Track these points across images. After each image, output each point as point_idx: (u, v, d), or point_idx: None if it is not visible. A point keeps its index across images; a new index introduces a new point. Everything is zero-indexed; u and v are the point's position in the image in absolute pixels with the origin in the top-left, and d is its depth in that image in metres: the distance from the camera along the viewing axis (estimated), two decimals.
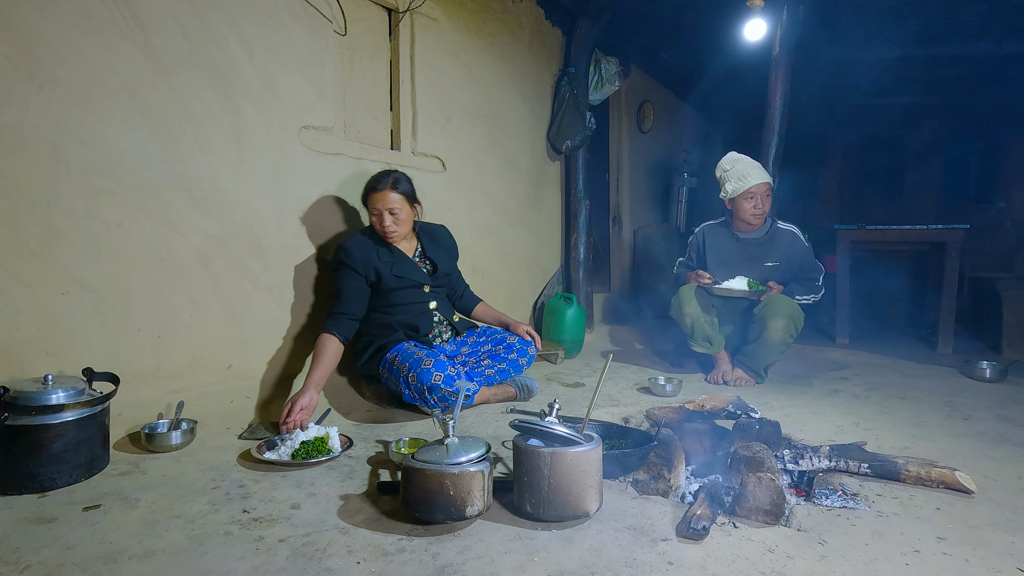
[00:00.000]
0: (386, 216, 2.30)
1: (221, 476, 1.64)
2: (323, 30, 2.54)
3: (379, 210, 2.30)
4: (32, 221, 1.77)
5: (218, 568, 1.18)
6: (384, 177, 2.32)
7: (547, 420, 1.45)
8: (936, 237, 3.99)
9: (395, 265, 2.35)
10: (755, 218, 2.99)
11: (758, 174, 2.95)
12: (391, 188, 2.30)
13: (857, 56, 4.90)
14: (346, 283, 2.28)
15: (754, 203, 2.96)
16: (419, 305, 2.44)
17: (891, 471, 1.65)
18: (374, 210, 2.31)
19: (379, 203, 2.29)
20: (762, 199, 2.95)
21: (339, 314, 2.24)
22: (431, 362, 2.12)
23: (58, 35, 1.80)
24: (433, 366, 2.11)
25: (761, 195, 2.95)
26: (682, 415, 2.05)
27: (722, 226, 3.14)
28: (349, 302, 2.27)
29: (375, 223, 2.34)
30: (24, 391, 1.53)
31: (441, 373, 2.10)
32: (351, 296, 2.27)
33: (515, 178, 3.71)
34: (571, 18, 4.05)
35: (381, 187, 2.29)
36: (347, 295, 2.27)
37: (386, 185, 2.30)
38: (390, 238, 2.34)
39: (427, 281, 2.45)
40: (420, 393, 2.11)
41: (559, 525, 1.37)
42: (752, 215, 2.99)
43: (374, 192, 2.30)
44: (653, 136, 5.50)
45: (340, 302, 2.27)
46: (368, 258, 2.31)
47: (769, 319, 2.81)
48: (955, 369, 3.26)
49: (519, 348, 2.50)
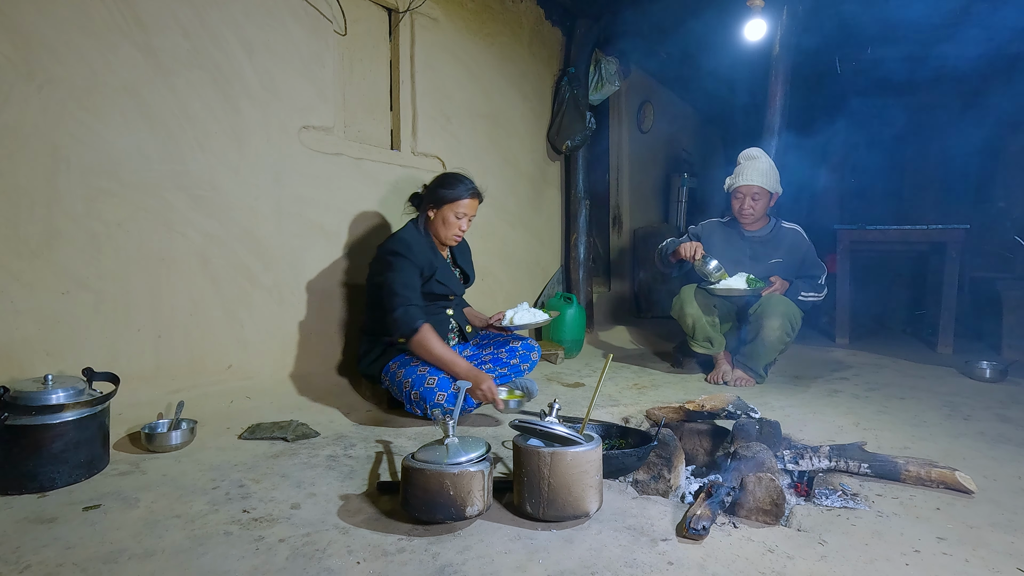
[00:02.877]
0: (466, 222, 2.29)
1: (221, 476, 1.64)
2: (323, 30, 2.55)
3: (464, 215, 2.27)
4: (32, 221, 1.77)
5: (218, 568, 1.18)
6: (472, 183, 2.30)
7: (547, 420, 1.45)
8: (936, 237, 3.99)
9: (440, 270, 2.32)
10: (743, 217, 2.99)
11: (750, 176, 2.94)
12: (479, 197, 2.31)
13: (857, 55, 4.90)
14: (407, 273, 2.17)
15: (739, 203, 2.97)
16: (441, 312, 2.42)
17: (891, 471, 1.65)
18: (459, 214, 2.26)
19: (469, 209, 2.28)
20: (749, 201, 2.95)
21: (414, 305, 2.13)
22: (435, 381, 2.09)
23: (58, 35, 1.80)
24: (437, 385, 2.08)
25: (748, 197, 2.95)
26: (682, 415, 2.05)
27: (728, 224, 3.13)
28: (416, 291, 2.18)
29: (451, 226, 2.28)
30: (24, 391, 1.53)
31: (444, 392, 2.07)
32: (415, 285, 2.19)
33: (515, 178, 3.71)
34: (571, 18, 4.05)
35: (475, 194, 2.29)
36: (412, 284, 2.17)
37: (478, 193, 2.30)
38: (454, 243, 2.34)
39: (459, 291, 2.45)
40: (423, 410, 2.10)
41: (559, 525, 1.37)
42: (739, 213, 3.00)
43: (472, 198, 2.27)
44: (653, 136, 5.50)
45: (409, 290, 2.14)
46: (426, 255, 2.26)
47: (765, 318, 2.81)
48: (955, 369, 3.26)
49: (522, 354, 2.48)
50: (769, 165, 2.99)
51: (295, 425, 2.02)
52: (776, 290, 2.88)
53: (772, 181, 2.96)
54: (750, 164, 2.97)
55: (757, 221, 3.03)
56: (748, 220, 3.00)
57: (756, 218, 2.99)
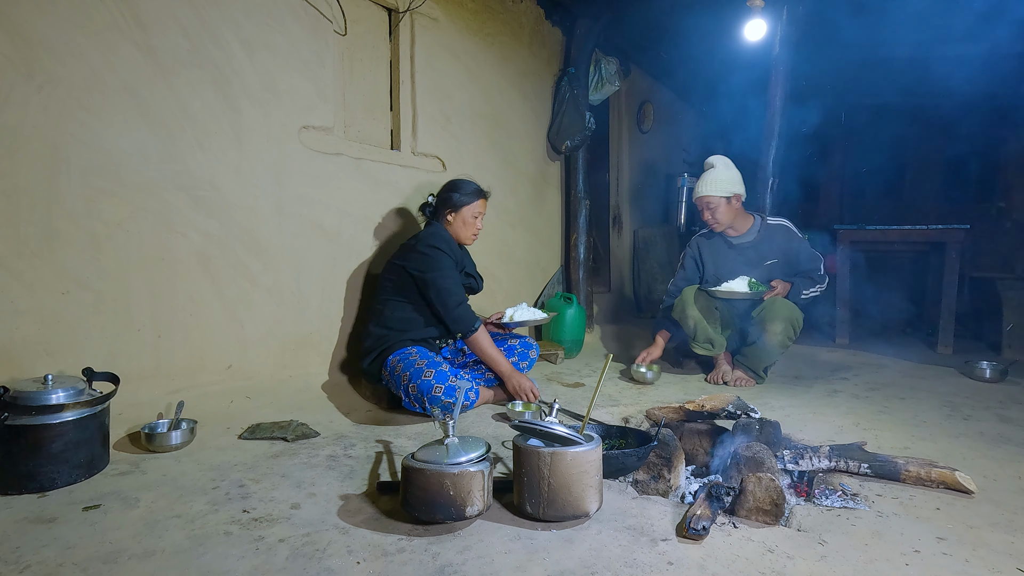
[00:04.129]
0: (480, 221, 2.45)
1: (221, 476, 1.64)
2: (323, 30, 2.54)
3: (479, 214, 2.45)
4: (32, 221, 1.77)
5: (218, 568, 1.18)
6: (479, 185, 2.48)
7: (547, 420, 1.46)
8: (936, 237, 3.99)
9: (468, 266, 2.47)
10: (712, 226, 3.01)
11: (700, 189, 2.96)
12: (487, 196, 2.49)
13: (857, 56, 4.90)
14: (452, 271, 2.33)
15: (703, 215, 3.00)
16: None
17: (891, 471, 1.65)
18: (476, 213, 2.43)
19: (483, 208, 2.46)
20: (706, 212, 2.97)
21: (467, 303, 2.30)
22: (432, 373, 2.11)
23: (58, 35, 1.80)
24: (434, 377, 2.10)
25: (704, 209, 2.97)
26: (682, 415, 2.05)
27: (712, 237, 3.11)
28: (462, 288, 2.33)
29: (471, 225, 2.44)
30: (24, 391, 1.53)
31: (442, 385, 2.09)
32: (460, 282, 2.34)
33: (515, 178, 3.71)
34: (571, 18, 4.05)
35: (486, 195, 2.47)
36: (459, 281, 2.33)
37: (486, 193, 2.48)
38: (471, 242, 2.49)
39: (478, 288, 2.58)
40: (420, 403, 2.11)
41: (559, 525, 1.37)
42: (708, 224, 3.02)
43: (483, 198, 2.45)
44: (653, 136, 5.51)
45: (460, 289, 2.32)
46: (456, 252, 2.40)
47: (768, 322, 2.81)
48: (955, 369, 3.26)
49: (520, 351, 2.51)
50: (724, 170, 2.95)
51: (295, 425, 2.02)
52: (778, 293, 2.87)
53: (724, 186, 2.91)
54: (704, 175, 2.98)
55: (732, 227, 3.01)
56: (719, 228, 3.01)
57: (724, 224, 2.98)
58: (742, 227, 3.03)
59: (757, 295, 2.86)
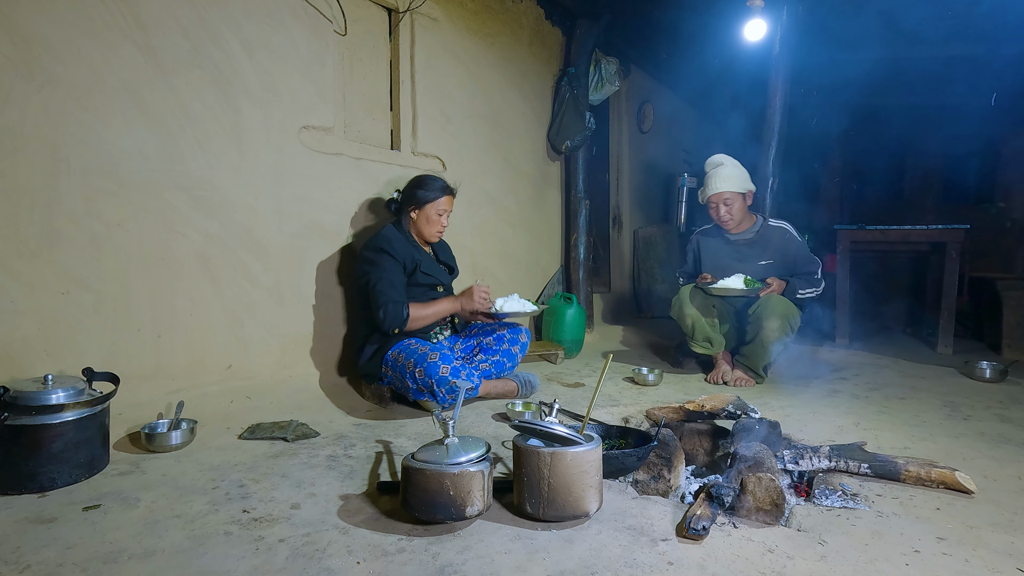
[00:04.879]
0: (445, 218, 2.45)
1: (221, 476, 1.64)
2: (323, 30, 2.55)
3: (444, 211, 2.45)
4: (32, 221, 1.77)
5: (218, 568, 1.18)
6: (445, 182, 2.46)
7: (547, 420, 1.45)
8: (936, 237, 3.98)
9: (423, 263, 2.43)
10: (724, 224, 3.03)
11: (716, 184, 2.98)
12: (453, 193, 2.48)
13: (857, 56, 4.89)
14: (389, 271, 2.29)
15: (715, 212, 3.02)
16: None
17: (891, 471, 1.65)
18: (440, 211, 2.43)
19: (447, 205, 2.45)
20: (723, 207, 2.99)
21: (395, 301, 2.24)
22: (436, 356, 2.15)
23: (58, 35, 1.80)
24: (439, 359, 2.14)
25: (720, 204, 2.98)
26: (682, 415, 2.04)
27: (714, 230, 3.17)
28: (398, 287, 2.30)
29: (435, 222, 2.44)
30: (24, 391, 1.53)
31: (447, 365, 2.13)
32: (398, 282, 2.31)
33: (515, 178, 3.71)
34: (571, 18, 4.05)
35: (450, 191, 2.46)
36: (394, 280, 2.29)
37: (452, 190, 2.48)
38: (436, 239, 2.49)
39: (446, 280, 2.56)
40: (428, 387, 2.13)
41: (559, 525, 1.37)
42: (719, 221, 3.04)
43: (448, 195, 2.45)
44: (653, 136, 5.50)
45: (393, 289, 2.26)
46: (407, 251, 2.38)
47: (764, 319, 2.82)
48: (955, 369, 3.26)
49: (510, 338, 2.54)
50: (734, 168, 3.02)
51: (295, 425, 2.02)
52: (774, 290, 2.88)
53: (740, 182, 2.99)
54: (716, 172, 3.01)
55: (741, 223, 3.05)
56: (731, 225, 3.04)
57: (737, 221, 3.02)
58: (744, 224, 3.07)
59: (753, 292, 2.87)
